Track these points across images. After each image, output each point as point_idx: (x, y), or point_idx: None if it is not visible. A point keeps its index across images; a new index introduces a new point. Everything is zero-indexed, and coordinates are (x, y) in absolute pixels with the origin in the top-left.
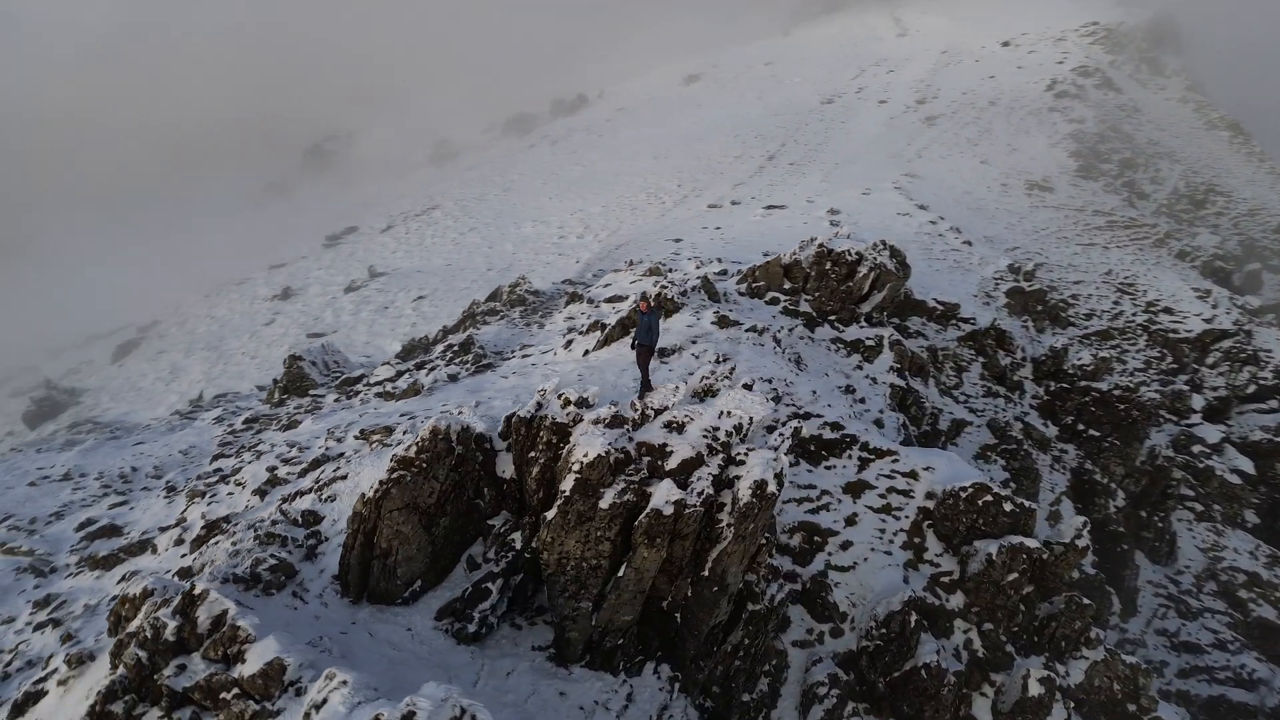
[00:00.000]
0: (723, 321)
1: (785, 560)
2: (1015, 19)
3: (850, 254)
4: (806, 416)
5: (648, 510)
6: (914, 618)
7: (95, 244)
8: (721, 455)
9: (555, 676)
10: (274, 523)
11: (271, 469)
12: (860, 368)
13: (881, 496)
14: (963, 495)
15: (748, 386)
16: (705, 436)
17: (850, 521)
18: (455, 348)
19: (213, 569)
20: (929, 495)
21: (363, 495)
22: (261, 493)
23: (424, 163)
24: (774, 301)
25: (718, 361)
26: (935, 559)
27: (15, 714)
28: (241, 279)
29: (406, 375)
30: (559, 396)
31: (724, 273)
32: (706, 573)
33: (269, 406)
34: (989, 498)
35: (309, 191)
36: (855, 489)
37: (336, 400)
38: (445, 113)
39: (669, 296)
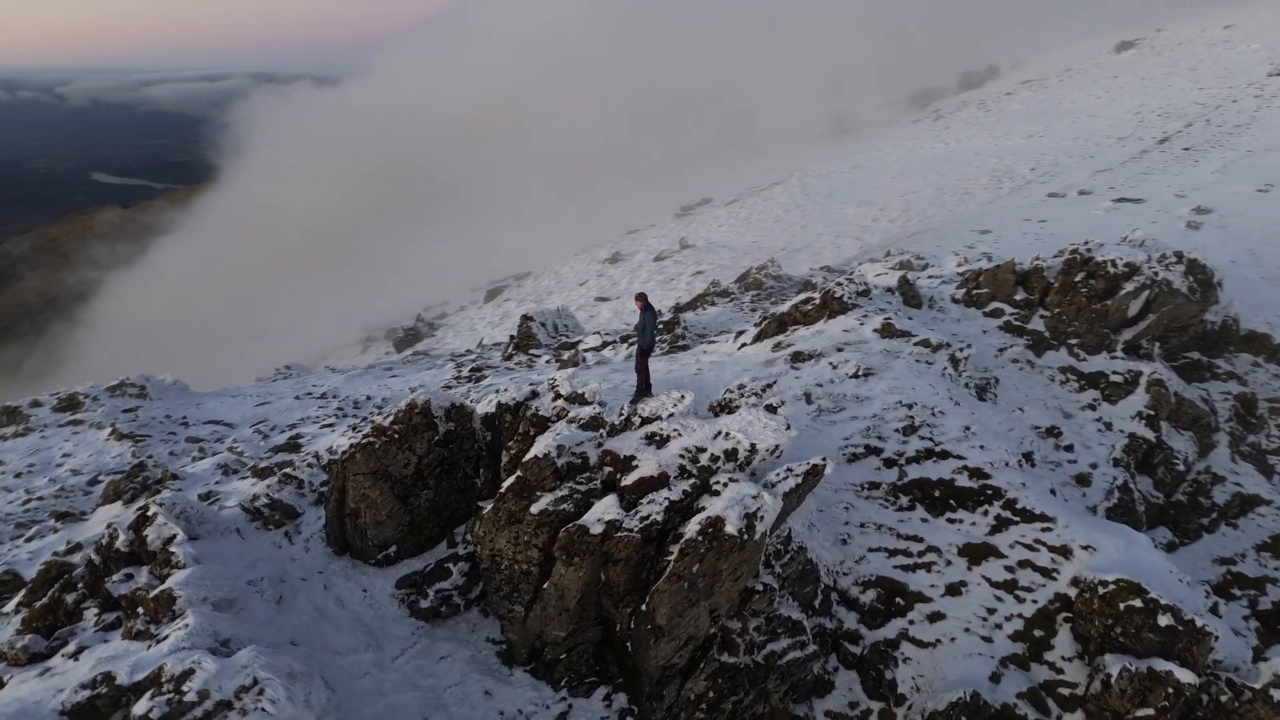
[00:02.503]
0: (886, 329)
1: (850, 617)
2: None
3: (1115, 265)
4: (944, 456)
5: (573, 525)
6: None
7: (540, 203)
8: (694, 480)
9: (491, 674)
10: (309, 465)
11: None
12: (1093, 407)
13: (1009, 569)
14: (1101, 591)
15: (771, 408)
16: (683, 456)
17: (953, 590)
18: (659, 327)
19: (239, 496)
20: (1075, 581)
21: (340, 455)
22: None
23: (822, 137)
24: (995, 314)
25: (856, 375)
26: (1061, 662)
27: None
28: (600, 243)
29: (610, 348)
30: (553, 389)
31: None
32: (645, 607)
33: (500, 359)
34: (1137, 602)
35: (712, 164)
36: (976, 553)
37: (547, 362)
38: (855, 86)
39: (837, 296)
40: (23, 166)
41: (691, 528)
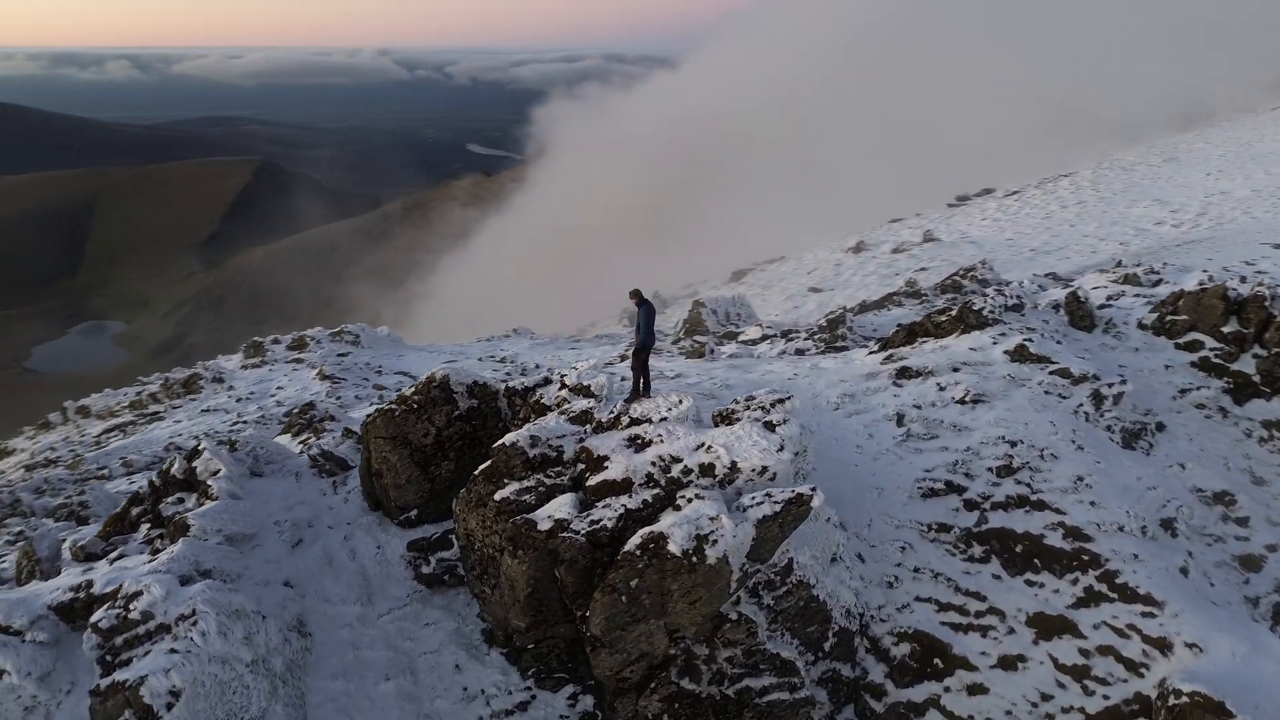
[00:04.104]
0: (1019, 353)
1: (878, 669)
2: None
3: None
4: (1039, 506)
5: (521, 518)
6: None
7: (825, 185)
8: (658, 490)
9: (469, 649)
10: None
11: None
12: None
13: (1084, 653)
14: (1171, 703)
15: (769, 426)
16: (654, 464)
17: (1007, 664)
18: (823, 324)
19: (312, 443)
20: (1161, 684)
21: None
22: None
23: (1164, 124)
24: (1191, 346)
25: (963, 401)
26: None
27: None
28: (859, 230)
29: (768, 341)
30: (560, 379)
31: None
32: (588, 613)
33: (670, 342)
34: None
35: (1021, 152)
36: (1048, 627)
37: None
38: (1224, 67)
39: (975, 309)
40: (415, 136)
41: (633, 541)
